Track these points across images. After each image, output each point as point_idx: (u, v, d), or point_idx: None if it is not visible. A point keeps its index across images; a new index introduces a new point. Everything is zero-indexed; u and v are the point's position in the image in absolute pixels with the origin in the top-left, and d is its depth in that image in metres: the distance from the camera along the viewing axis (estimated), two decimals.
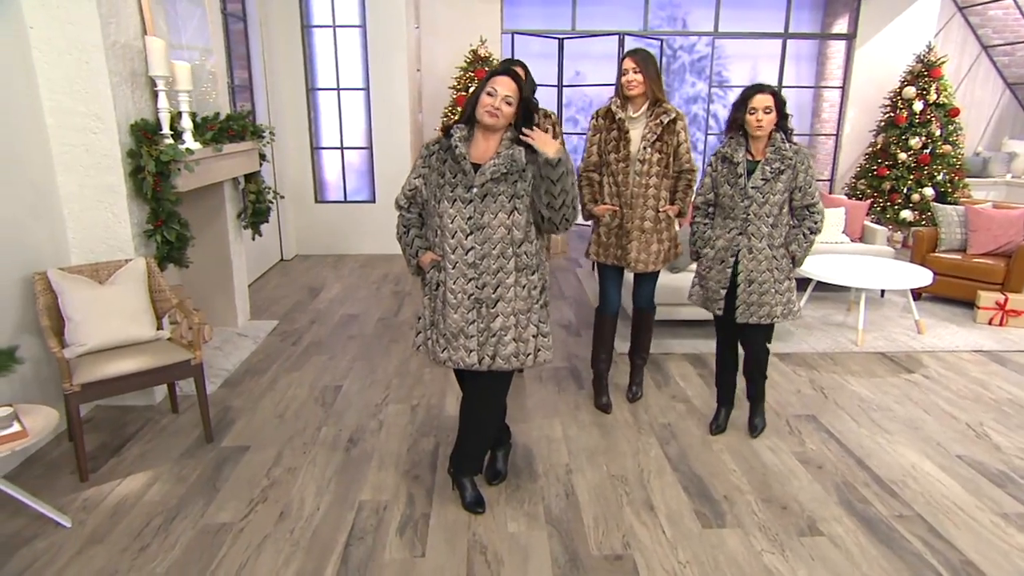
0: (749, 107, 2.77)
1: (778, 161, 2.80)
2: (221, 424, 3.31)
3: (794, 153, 2.80)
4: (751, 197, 2.83)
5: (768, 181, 2.81)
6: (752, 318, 2.92)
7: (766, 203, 2.82)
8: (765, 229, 2.84)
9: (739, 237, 2.89)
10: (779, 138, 2.80)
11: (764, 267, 2.87)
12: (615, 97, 3.22)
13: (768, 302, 2.90)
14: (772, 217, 2.84)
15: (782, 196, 2.82)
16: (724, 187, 2.91)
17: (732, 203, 2.89)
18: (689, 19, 8.73)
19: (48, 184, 3.13)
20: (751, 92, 2.79)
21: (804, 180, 2.82)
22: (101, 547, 2.38)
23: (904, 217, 7.28)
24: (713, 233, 3.01)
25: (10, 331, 2.87)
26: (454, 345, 2.39)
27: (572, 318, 5.03)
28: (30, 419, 2.40)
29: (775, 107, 2.77)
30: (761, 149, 2.85)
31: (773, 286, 2.89)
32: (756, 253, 2.87)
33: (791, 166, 2.80)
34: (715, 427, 3.24)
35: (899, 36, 7.98)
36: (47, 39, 3.02)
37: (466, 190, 2.30)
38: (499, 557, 2.34)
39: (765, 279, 2.88)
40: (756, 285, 2.90)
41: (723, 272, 2.95)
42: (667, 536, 2.46)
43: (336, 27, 6.73)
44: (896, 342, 4.46)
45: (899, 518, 2.59)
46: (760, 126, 2.77)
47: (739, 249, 2.90)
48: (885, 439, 3.20)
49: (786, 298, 2.92)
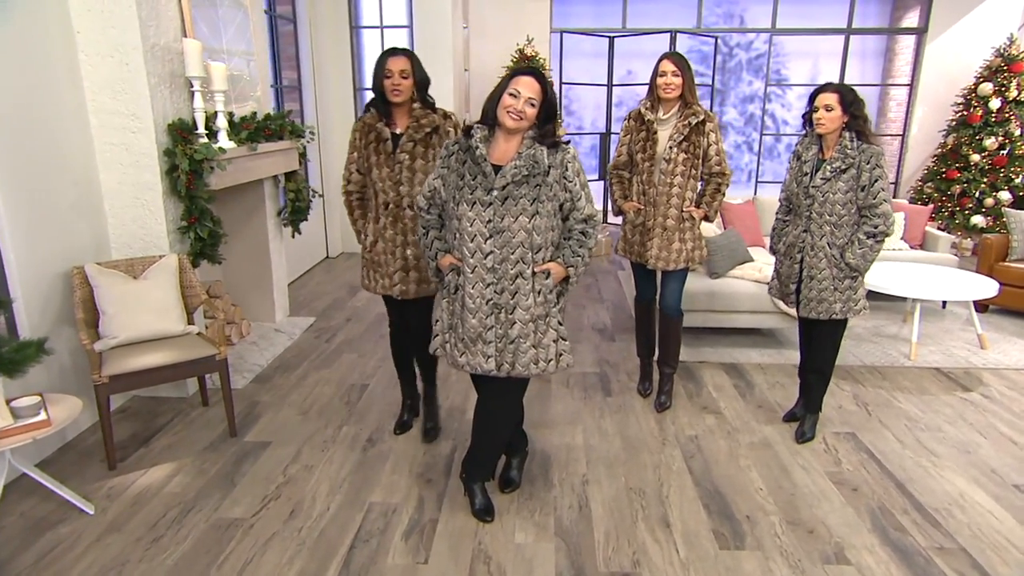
0: (814, 105, 2.82)
1: (841, 159, 2.78)
2: (247, 419, 3.37)
3: (859, 152, 2.76)
4: (812, 196, 2.86)
5: (828, 180, 2.81)
6: (811, 313, 2.98)
7: (826, 201, 2.83)
8: (827, 228, 2.86)
9: (803, 234, 2.94)
10: (847, 137, 2.77)
11: (824, 264, 2.90)
12: (646, 99, 3.21)
13: (827, 298, 2.92)
14: (835, 216, 2.84)
15: (845, 196, 2.80)
16: (792, 184, 2.98)
17: (799, 200, 2.95)
18: (747, 15, 8.43)
19: (90, 181, 3.26)
20: (816, 90, 2.84)
21: (867, 179, 2.76)
22: (118, 536, 2.44)
23: (975, 223, 6.82)
24: (786, 230, 3.08)
25: (53, 322, 3.00)
26: (472, 350, 2.34)
27: (608, 322, 4.92)
28: (55, 408, 2.49)
29: (840, 105, 2.75)
30: (832, 147, 2.85)
31: (832, 283, 2.90)
32: (818, 251, 2.91)
33: (854, 165, 2.77)
34: (787, 415, 3.37)
35: (976, 29, 7.47)
36: (91, 42, 3.14)
37: (486, 192, 2.25)
38: (502, 568, 2.28)
39: (824, 276, 2.91)
40: (816, 282, 2.94)
41: (791, 267, 3.03)
42: (680, 556, 2.35)
43: (384, 28, 6.80)
44: (954, 357, 4.15)
45: (939, 550, 2.38)
46: (821, 124, 2.79)
47: (803, 246, 2.95)
48: (931, 462, 2.97)
49: (846, 296, 2.91)
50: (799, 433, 3.16)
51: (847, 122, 2.77)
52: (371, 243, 2.89)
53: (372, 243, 2.89)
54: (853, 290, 2.92)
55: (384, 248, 2.84)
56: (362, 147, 2.80)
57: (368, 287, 3.00)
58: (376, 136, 2.75)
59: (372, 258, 2.92)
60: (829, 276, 2.90)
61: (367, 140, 2.79)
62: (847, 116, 2.76)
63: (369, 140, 2.78)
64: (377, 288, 2.94)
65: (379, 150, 2.75)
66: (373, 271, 2.94)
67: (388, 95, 2.68)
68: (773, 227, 3.20)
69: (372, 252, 2.91)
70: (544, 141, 2.28)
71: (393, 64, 2.66)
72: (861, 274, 2.90)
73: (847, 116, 2.76)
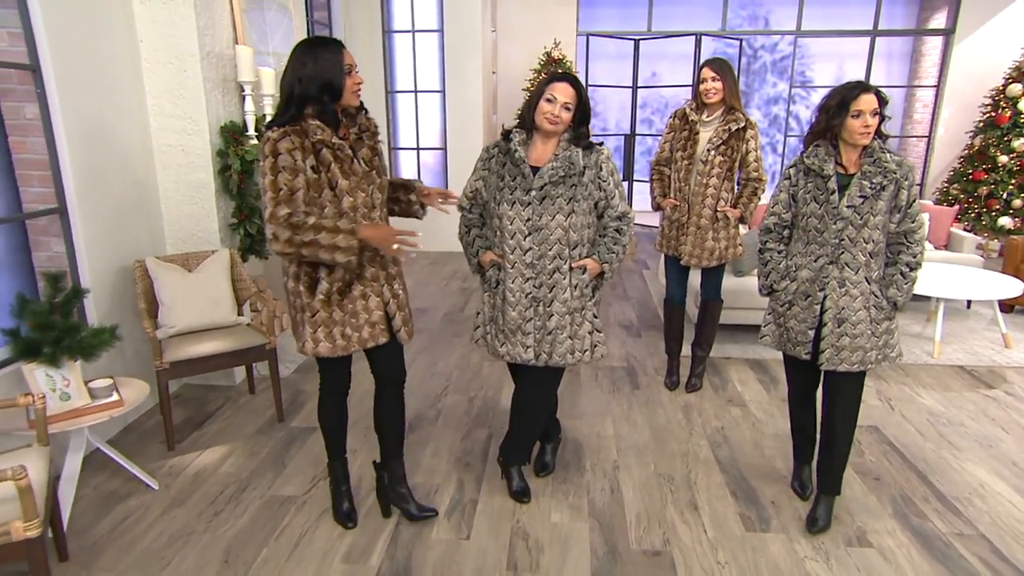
0: (853, 110, 2.22)
1: (880, 175, 2.25)
2: (292, 406, 3.55)
3: (897, 166, 2.26)
4: (846, 218, 2.28)
5: (867, 199, 2.26)
6: (842, 365, 2.37)
7: (864, 226, 2.28)
8: (863, 258, 2.31)
9: (829, 267, 2.35)
10: (877, 147, 2.27)
11: (859, 304, 2.33)
12: (692, 100, 3.40)
13: (862, 346, 2.35)
14: (872, 243, 2.30)
15: (884, 217, 2.28)
16: (810, 206, 2.36)
17: (822, 225, 2.34)
18: (771, 17, 8.50)
19: (150, 181, 3.47)
20: (855, 92, 2.24)
21: (905, 199, 2.28)
22: (182, 510, 2.63)
23: (1002, 224, 6.82)
24: (794, 263, 2.46)
25: (116, 312, 3.20)
26: (512, 341, 2.49)
27: (634, 319, 5.04)
28: (126, 390, 2.69)
29: (880, 109, 2.25)
30: (855, 160, 2.32)
31: (869, 327, 2.35)
32: (850, 287, 2.33)
33: (894, 181, 2.26)
34: (796, 483, 2.78)
35: (1005, 29, 7.46)
36: (153, 50, 3.35)
37: (525, 192, 2.40)
38: (540, 545, 2.43)
39: (860, 319, 2.34)
40: (848, 326, 2.35)
41: (810, 309, 2.40)
42: (708, 536, 2.48)
43: (415, 32, 6.99)
44: (978, 355, 4.22)
45: (959, 536, 2.49)
46: (867, 133, 2.24)
47: (828, 281, 2.36)
48: (953, 455, 3.06)
49: (883, 340, 2.38)
50: (810, 520, 2.52)
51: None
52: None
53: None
54: (890, 333, 2.40)
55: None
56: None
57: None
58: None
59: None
60: (866, 319, 2.34)
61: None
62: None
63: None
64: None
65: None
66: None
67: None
68: (763, 261, 2.57)
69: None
70: (579, 143, 2.42)
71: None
72: (901, 312, 2.42)
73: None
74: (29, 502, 1.77)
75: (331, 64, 2.05)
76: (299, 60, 2.04)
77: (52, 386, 2.45)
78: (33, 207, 2.92)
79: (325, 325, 2.22)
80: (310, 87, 2.03)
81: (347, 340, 2.25)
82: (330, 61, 2.05)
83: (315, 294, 2.19)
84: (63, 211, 2.94)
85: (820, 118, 2.32)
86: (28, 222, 2.94)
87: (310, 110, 2.05)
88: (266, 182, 2.02)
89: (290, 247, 2.02)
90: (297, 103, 2.04)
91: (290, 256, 2.07)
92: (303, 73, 2.03)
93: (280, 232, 2.00)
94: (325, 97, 2.05)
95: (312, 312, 2.20)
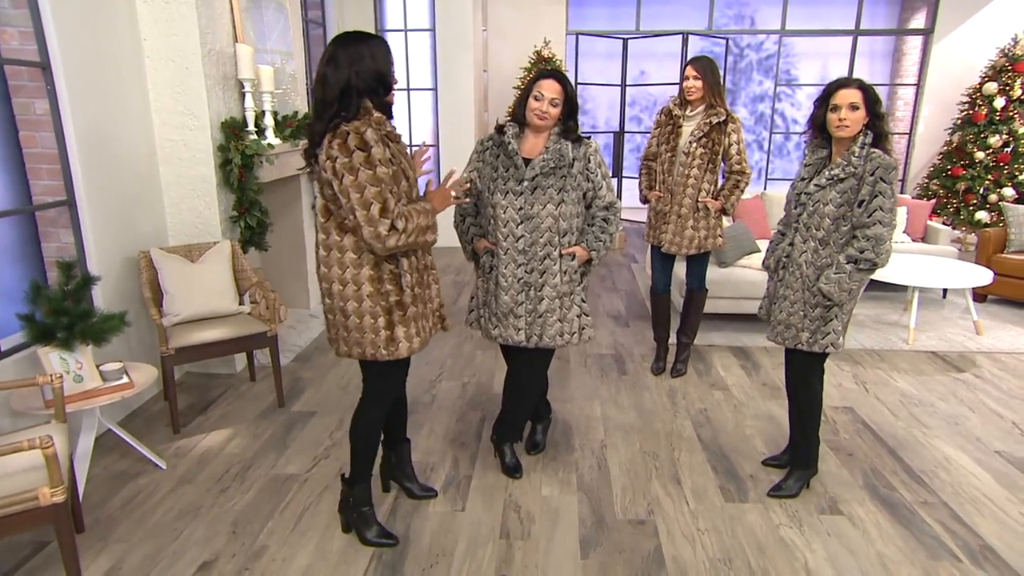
0: (831, 104, 2.34)
1: (840, 167, 2.35)
2: (292, 392, 3.68)
3: (865, 160, 2.32)
4: (803, 203, 2.47)
5: (823, 188, 2.39)
6: (777, 339, 2.60)
7: (815, 213, 2.42)
8: (811, 243, 2.45)
9: (788, 247, 2.55)
10: (858, 143, 2.34)
11: (798, 285, 2.51)
12: (676, 97, 3.58)
13: (795, 324, 2.52)
14: (823, 231, 2.41)
15: (837, 209, 2.37)
16: (789, 190, 2.59)
17: (789, 209, 2.57)
18: (757, 17, 8.68)
19: (152, 175, 3.59)
20: (834, 87, 2.36)
21: (866, 193, 2.32)
22: (190, 487, 2.76)
23: (979, 219, 7.03)
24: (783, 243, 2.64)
25: (121, 300, 3.32)
26: (504, 323, 2.64)
27: (622, 310, 5.20)
28: (136, 374, 2.81)
29: (864, 103, 2.31)
30: (840, 152, 2.41)
31: (802, 308, 2.50)
32: (793, 268, 2.51)
33: (856, 175, 2.33)
34: (771, 458, 2.94)
35: (982, 29, 7.68)
36: (156, 48, 3.46)
37: (517, 183, 2.54)
38: (531, 515, 2.57)
39: (796, 298, 2.51)
40: (786, 303, 2.55)
41: (772, 284, 2.66)
42: (690, 507, 2.63)
43: (408, 31, 7.11)
44: (950, 342, 4.40)
45: (923, 504, 2.65)
46: (844, 126, 2.32)
47: (786, 261, 2.57)
48: (922, 432, 3.24)
49: (815, 326, 2.48)
50: (776, 486, 2.71)
51: (867, 124, 2.34)
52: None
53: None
54: (824, 320, 2.47)
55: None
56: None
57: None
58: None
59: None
60: (800, 300, 2.50)
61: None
62: (868, 116, 2.33)
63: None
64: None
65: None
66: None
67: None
68: (769, 241, 2.78)
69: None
70: (568, 136, 2.57)
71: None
72: (835, 304, 2.43)
73: (868, 116, 2.33)
74: (55, 469, 1.90)
75: (385, 57, 2.05)
76: (354, 52, 1.98)
77: (66, 368, 2.57)
78: (43, 199, 3.03)
79: (415, 320, 2.16)
80: (369, 79, 1.99)
81: (426, 333, 2.22)
82: (384, 55, 2.05)
83: (403, 288, 2.12)
84: (71, 203, 3.05)
85: (813, 111, 2.47)
86: (38, 214, 3.05)
87: (370, 103, 2.02)
88: (363, 177, 1.91)
89: (407, 237, 1.98)
90: (356, 95, 1.99)
91: (401, 248, 2.02)
92: (361, 66, 1.98)
93: (403, 224, 1.96)
94: (380, 89, 2.04)
95: (403, 309, 2.13)
